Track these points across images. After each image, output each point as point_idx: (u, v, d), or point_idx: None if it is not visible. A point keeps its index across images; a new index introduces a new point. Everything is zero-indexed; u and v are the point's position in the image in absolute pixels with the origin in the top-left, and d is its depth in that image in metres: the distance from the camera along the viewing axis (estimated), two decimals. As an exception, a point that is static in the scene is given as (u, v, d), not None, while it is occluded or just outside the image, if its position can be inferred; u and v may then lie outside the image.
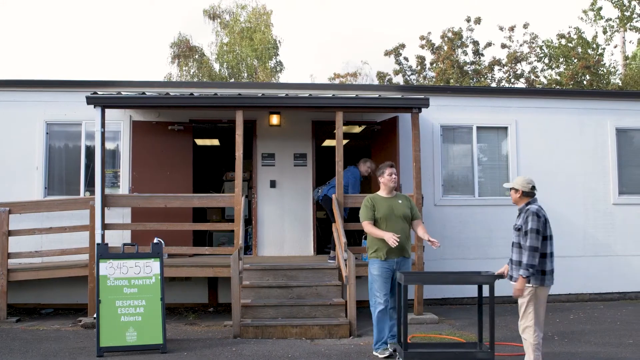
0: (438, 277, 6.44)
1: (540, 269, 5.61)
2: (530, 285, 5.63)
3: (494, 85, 22.67)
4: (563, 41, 22.64)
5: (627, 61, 24.70)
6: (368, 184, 12.33)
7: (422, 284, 6.52)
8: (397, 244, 6.44)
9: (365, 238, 9.91)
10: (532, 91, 14.13)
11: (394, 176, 6.98)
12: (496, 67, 23.11)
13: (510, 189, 5.96)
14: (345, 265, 7.96)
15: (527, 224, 5.62)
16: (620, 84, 22.13)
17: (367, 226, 6.83)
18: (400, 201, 6.96)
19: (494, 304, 5.99)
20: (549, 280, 5.67)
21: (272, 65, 29.67)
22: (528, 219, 5.64)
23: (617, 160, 11.18)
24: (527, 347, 5.72)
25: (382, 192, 7.07)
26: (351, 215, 11.99)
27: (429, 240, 6.57)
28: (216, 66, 29.36)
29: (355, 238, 11.01)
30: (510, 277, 5.81)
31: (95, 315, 7.21)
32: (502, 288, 5.98)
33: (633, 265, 10.98)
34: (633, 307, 10.24)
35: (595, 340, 7.64)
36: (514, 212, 6.08)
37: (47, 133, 10.29)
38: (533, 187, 5.86)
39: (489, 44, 23.17)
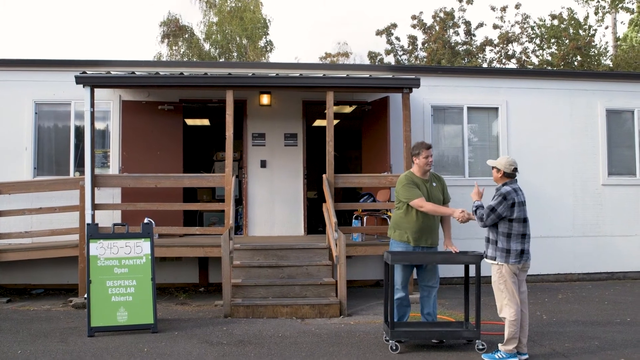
0: (425, 257, 6.43)
1: (505, 247, 5.74)
2: (496, 263, 5.78)
3: (485, 65, 22.62)
4: (555, 22, 22.57)
5: (618, 42, 24.69)
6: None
7: (408, 264, 6.52)
8: (465, 221, 6.22)
9: (356, 218, 9.99)
10: (523, 72, 14.13)
11: (430, 159, 6.47)
12: (488, 48, 23.02)
13: (493, 167, 6.01)
14: (336, 245, 7.99)
15: (492, 201, 5.83)
16: (611, 65, 22.13)
17: (423, 203, 6.30)
18: (434, 184, 6.58)
19: (480, 283, 6.07)
20: (515, 259, 5.72)
21: (262, 44, 29.44)
22: (495, 198, 5.84)
23: (606, 141, 11.23)
24: (506, 324, 5.81)
25: (416, 172, 6.57)
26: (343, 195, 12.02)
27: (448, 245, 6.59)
28: (206, 46, 29.09)
29: (346, 218, 11.05)
30: (486, 256, 5.93)
31: (85, 296, 7.22)
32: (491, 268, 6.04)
33: (621, 245, 11.08)
34: (621, 287, 10.35)
35: (583, 320, 7.72)
36: (502, 192, 6.11)
37: (35, 113, 10.21)
38: (515, 169, 5.92)
39: (480, 25, 23.05)
